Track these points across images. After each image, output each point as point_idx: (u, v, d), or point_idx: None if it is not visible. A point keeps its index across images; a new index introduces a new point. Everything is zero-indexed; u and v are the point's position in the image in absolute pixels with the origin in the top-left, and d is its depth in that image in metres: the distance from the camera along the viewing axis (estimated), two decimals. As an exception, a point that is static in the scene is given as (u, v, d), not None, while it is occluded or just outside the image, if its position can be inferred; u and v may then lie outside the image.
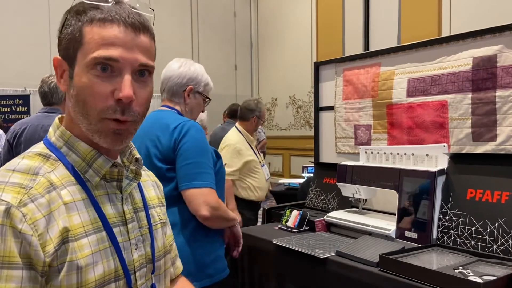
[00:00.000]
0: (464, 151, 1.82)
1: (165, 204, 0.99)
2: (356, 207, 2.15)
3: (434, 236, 1.68)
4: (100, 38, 0.69)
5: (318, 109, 2.56)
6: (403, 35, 6.29)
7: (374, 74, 2.19)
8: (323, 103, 2.54)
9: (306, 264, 1.74)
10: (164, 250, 0.88)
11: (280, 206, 2.42)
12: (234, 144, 3.14)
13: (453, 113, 1.85)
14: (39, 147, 0.76)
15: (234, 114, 4.43)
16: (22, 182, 0.67)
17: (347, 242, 1.81)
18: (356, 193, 2.07)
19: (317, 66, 2.54)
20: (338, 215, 2.04)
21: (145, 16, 0.75)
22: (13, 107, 7.38)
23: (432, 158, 1.83)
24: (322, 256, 1.65)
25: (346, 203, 2.21)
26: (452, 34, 1.89)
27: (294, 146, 9.18)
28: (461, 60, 1.81)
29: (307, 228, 2.08)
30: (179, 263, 1.03)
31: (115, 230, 0.75)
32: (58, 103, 2.52)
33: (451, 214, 1.65)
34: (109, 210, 0.75)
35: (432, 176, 1.70)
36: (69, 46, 0.71)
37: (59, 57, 0.74)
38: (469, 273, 1.32)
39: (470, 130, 1.80)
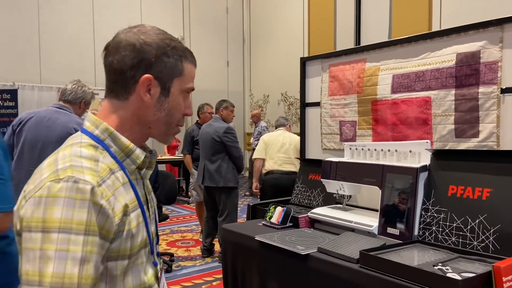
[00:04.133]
0: (447, 148, 1.82)
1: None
2: (341, 204, 2.14)
3: (416, 232, 1.67)
4: (192, 74, 0.96)
5: (304, 105, 2.54)
6: (394, 31, 6.30)
7: (359, 70, 2.18)
8: (309, 99, 2.52)
9: (288, 261, 1.73)
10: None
11: (265, 202, 2.41)
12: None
13: (437, 110, 1.84)
14: (86, 138, 0.89)
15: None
16: (92, 167, 0.82)
17: (330, 239, 1.80)
18: (340, 189, 2.06)
19: (304, 62, 2.52)
20: (322, 212, 2.03)
21: None
22: (0, 101, 7.27)
23: (415, 154, 1.82)
24: (304, 253, 1.64)
25: (331, 200, 2.20)
26: (442, 27, 1.88)
27: (285, 143, 9.16)
28: (445, 56, 1.80)
29: (291, 224, 2.07)
30: None
31: (144, 208, 0.93)
32: (72, 102, 2.71)
33: (432, 211, 1.64)
34: (139, 192, 0.93)
35: (414, 172, 1.69)
36: (167, 72, 0.91)
37: (150, 76, 0.89)
38: (448, 270, 1.31)
39: (453, 126, 1.79)
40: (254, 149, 8.39)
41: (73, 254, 0.74)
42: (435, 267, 1.35)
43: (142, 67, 0.88)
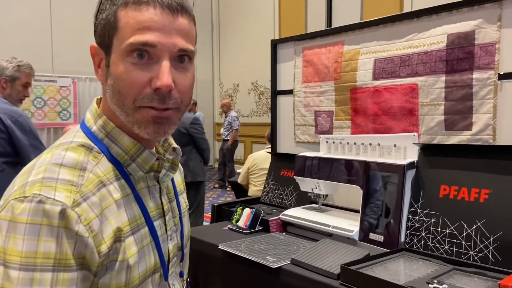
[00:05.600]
0: (435, 141, 1.61)
1: (185, 187, 0.97)
2: (316, 203, 1.91)
3: (402, 239, 1.46)
4: (135, 23, 0.65)
5: (275, 93, 2.29)
6: (366, 11, 6.16)
7: (337, 53, 1.94)
8: (281, 86, 2.27)
9: (257, 274, 1.48)
10: (188, 237, 0.89)
11: (232, 202, 2.15)
12: None
13: (424, 98, 1.63)
14: (80, 136, 0.71)
15: None
16: (72, 179, 0.64)
17: (305, 246, 1.57)
18: (316, 188, 1.84)
19: (275, 45, 2.26)
20: (295, 213, 1.80)
21: None
22: None
23: (400, 149, 1.61)
24: (274, 266, 1.40)
25: (305, 199, 1.97)
26: (414, 9, 1.66)
27: (256, 133, 8.92)
28: (434, 38, 1.59)
29: (261, 228, 1.83)
30: (188, 228, 1.00)
31: (155, 224, 0.74)
32: None
33: (421, 214, 1.44)
34: (149, 204, 0.74)
35: (400, 170, 1.48)
36: (104, 33, 0.68)
37: (95, 44, 0.70)
38: (446, 289, 1.10)
39: (442, 117, 1.59)
40: (224, 140, 8.14)
41: None
42: (430, 285, 1.14)
43: (95, 36, 0.71)
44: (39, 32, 7.93)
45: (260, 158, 3.73)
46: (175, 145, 0.82)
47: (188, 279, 0.89)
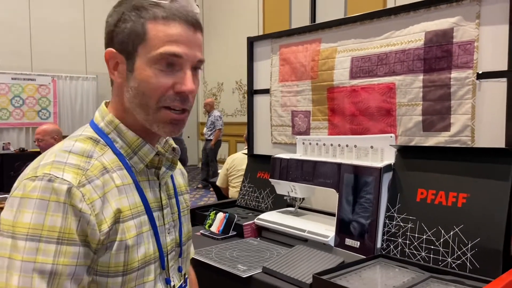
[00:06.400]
0: (413, 143, 1.56)
1: (189, 191, 1.03)
2: (292, 207, 1.84)
3: (379, 245, 1.40)
4: (165, 36, 0.74)
5: (252, 92, 2.22)
6: (349, 9, 6.14)
7: (313, 51, 1.88)
8: (258, 85, 2.20)
9: (227, 283, 1.41)
10: (188, 235, 0.95)
11: (206, 206, 2.07)
12: None
13: (402, 98, 1.58)
14: (89, 131, 0.80)
15: None
16: (79, 164, 0.72)
17: (278, 253, 1.50)
18: (292, 191, 1.77)
19: (251, 42, 2.19)
20: (270, 218, 1.73)
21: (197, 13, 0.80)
22: None
23: (377, 151, 1.55)
24: (245, 275, 1.33)
25: (282, 202, 1.90)
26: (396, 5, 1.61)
27: (240, 133, 8.84)
28: (412, 35, 1.53)
29: (235, 233, 1.75)
30: (192, 248, 1.07)
31: (154, 215, 0.81)
32: None
33: (398, 219, 1.38)
34: (149, 196, 0.81)
35: (377, 173, 1.42)
36: (128, 40, 0.76)
37: (113, 50, 0.77)
38: (421, 301, 1.04)
39: (420, 118, 1.54)
40: (207, 140, 8.04)
41: (40, 266, 0.65)
42: (404, 296, 1.08)
43: (108, 42, 0.79)
44: (18, 30, 7.71)
45: (238, 159, 3.64)
46: (174, 145, 0.90)
47: (186, 276, 0.93)
